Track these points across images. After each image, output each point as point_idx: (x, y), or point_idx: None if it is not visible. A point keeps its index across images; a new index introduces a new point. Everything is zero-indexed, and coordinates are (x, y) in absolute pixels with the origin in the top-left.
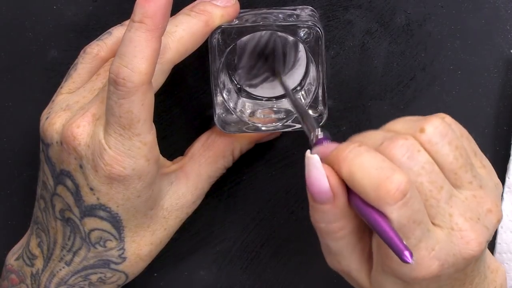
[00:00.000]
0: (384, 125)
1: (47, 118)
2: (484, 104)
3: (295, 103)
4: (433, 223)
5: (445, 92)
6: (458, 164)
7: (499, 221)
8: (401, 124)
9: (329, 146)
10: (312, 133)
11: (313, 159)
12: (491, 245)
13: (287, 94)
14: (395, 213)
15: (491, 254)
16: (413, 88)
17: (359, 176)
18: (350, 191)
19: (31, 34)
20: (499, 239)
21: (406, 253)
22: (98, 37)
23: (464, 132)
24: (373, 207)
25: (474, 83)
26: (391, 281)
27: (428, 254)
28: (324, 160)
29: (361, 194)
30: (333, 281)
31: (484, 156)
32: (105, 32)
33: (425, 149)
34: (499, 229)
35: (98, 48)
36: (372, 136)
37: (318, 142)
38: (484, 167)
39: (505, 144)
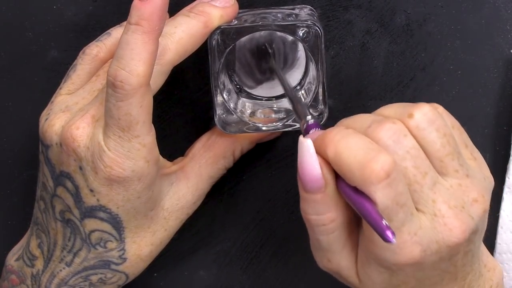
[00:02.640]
0: (376, 110)
1: (46, 119)
2: (484, 104)
3: (287, 88)
4: (416, 209)
5: (445, 92)
6: (445, 151)
7: (485, 211)
8: (391, 109)
9: (317, 133)
10: (302, 120)
11: (306, 144)
12: (491, 245)
13: (279, 78)
14: (378, 193)
15: (489, 253)
16: (413, 88)
17: (345, 156)
18: (337, 179)
19: (31, 34)
20: (499, 239)
21: (388, 232)
22: (97, 38)
23: (456, 123)
24: (358, 191)
25: (474, 83)
26: (376, 270)
27: (410, 238)
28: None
29: (347, 175)
30: (333, 281)
31: (476, 150)
32: (104, 33)
33: (413, 135)
34: (499, 229)
35: (97, 49)
36: (360, 119)
37: (309, 128)
38: (475, 159)
39: (505, 144)
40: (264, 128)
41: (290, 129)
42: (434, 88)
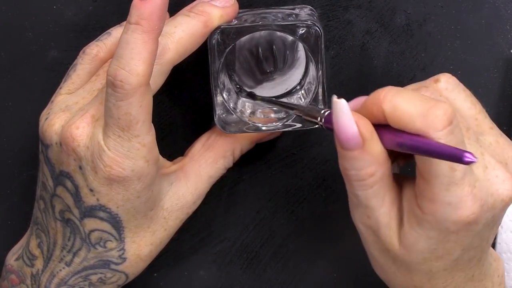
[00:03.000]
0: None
1: (46, 119)
2: (484, 104)
3: (287, 106)
4: None
5: None
6: (477, 109)
7: None
8: (413, 84)
9: (359, 99)
10: (318, 114)
11: (340, 104)
12: (491, 245)
13: (275, 104)
14: (443, 138)
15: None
16: None
17: (404, 106)
18: (382, 133)
19: (31, 34)
20: (499, 239)
21: (467, 154)
22: (97, 38)
23: None
24: (418, 136)
25: (474, 83)
26: (426, 235)
27: (471, 191)
28: (364, 103)
29: (407, 124)
30: (333, 281)
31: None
32: (104, 33)
33: (444, 97)
34: (499, 229)
35: (97, 49)
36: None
37: (329, 118)
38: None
39: None
40: (264, 128)
41: (290, 129)
42: None
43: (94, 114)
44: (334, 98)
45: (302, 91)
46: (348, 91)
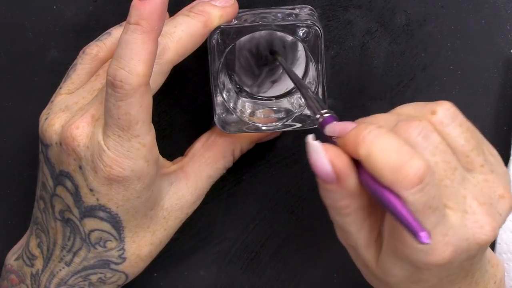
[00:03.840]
0: (393, 109)
1: (46, 119)
2: (484, 104)
3: (299, 84)
4: (446, 206)
5: (445, 92)
6: (470, 146)
7: (511, 207)
8: (410, 107)
9: (346, 125)
10: (318, 112)
11: (313, 145)
12: (491, 245)
13: (290, 75)
14: (410, 197)
15: (491, 249)
16: (413, 88)
17: (378, 158)
18: (360, 170)
19: (31, 34)
20: (499, 239)
21: (422, 234)
22: (97, 38)
23: (469, 123)
24: (387, 188)
25: (474, 83)
26: (401, 266)
27: (443, 239)
28: (340, 139)
29: (378, 176)
30: (333, 281)
31: (491, 145)
32: (104, 33)
33: (437, 131)
34: (499, 229)
35: (97, 49)
36: (385, 118)
37: (325, 122)
38: (493, 155)
39: (505, 144)
40: (264, 128)
41: (290, 129)
42: (434, 88)
43: (94, 114)
44: (309, 139)
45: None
46: (348, 91)
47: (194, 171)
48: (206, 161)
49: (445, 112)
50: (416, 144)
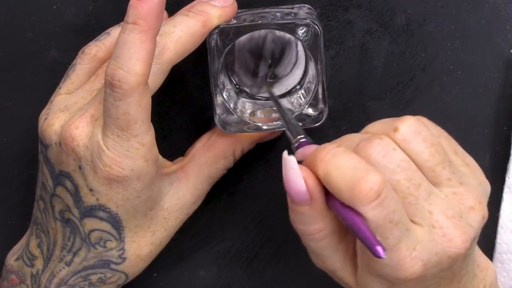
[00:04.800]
0: (363, 128)
1: (45, 119)
2: (484, 104)
3: (279, 108)
4: (413, 222)
5: (445, 92)
6: (435, 161)
7: (484, 218)
8: (378, 125)
9: (309, 148)
10: (295, 138)
11: (289, 161)
12: (491, 245)
13: (272, 100)
14: (370, 213)
15: (482, 253)
16: (413, 88)
17: (335, 176)
18: (327, 192)
19: (31, 34)
20: (499, 239)
21: (378, 248)
22: (96, 38)
23: (443, 132)
24: (349, 207)
25: (474, 83)
26: (377, 281)
27: (410, 254)
28: (304, 162)
29: (337, 194)
30: (333, 281)
31: (467, 155)
32: (103, 33)
33: (401, 148)
34: (499, 229)
35: (96, 49)
36: (350, 138)
37: (300, 146)
38: (468, 165)
39: (505, 144)
40: (264, 127)
41: None
42: (434, 88)
43: (94, 114)
44: (284, 154)
45: (302, 91)
46: (348, 91)
47: (195, 171)
48: (207, 161)
49: (407, 129)
50: (376, 163)
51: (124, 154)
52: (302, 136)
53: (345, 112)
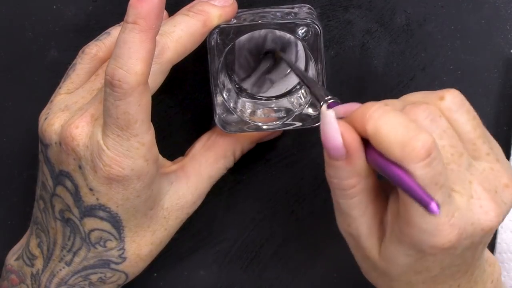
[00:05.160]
0: (402, 96)
1: (45, 118)
2: (484, 104)
3: (300, 73)
4: (452, 189)
5: None
6: (476, 133)
7: None
8: (419, 94)
9: (351, 105)
10: (322, 100)
11: (328, 115)
12: (491, 245)
13: (290, 66)
14: (418, 171)
15: (487, 249)
16: (413, 88)
17: (385, 132)
18: (368, 149)
19: (31, 34)
20: (499, 239)
21: (433, 204)
22: (97, 37)
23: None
24: (395, 164)
25: (474, 83)
26: (405, 252)
27: (448, 220)
28: (346, 117)
29: (385, 150)
30: (333, 281)
31: (493, 139)
32: (103, 33)
33: (445, 117)
34: (499, 229)
35: (96, 49)
36: (391, 102)
37: (330, 106)
38: (496, 147)
39: (505, 144)
40: (264, 127)
41: (290, 127)
42: (434, 88)
43: (94, 113)
44: (323, 108)
45: (302, 91)
46: (348, 91)
47: (195, 171)
48: (207, 161)
49: (453, 99)
50: (423, 127)
51: (124, 153)
52: (329, 97)
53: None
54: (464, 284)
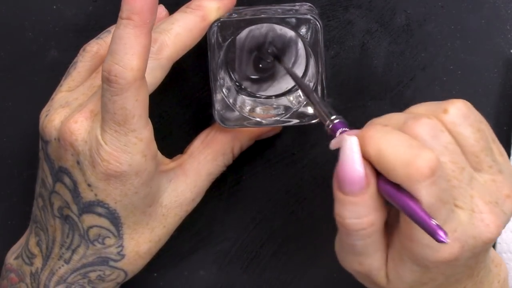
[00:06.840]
0: (407, 109)
1: (46, 115)
2: (484, 104)
3: (306, 89)
4: (454, 204)
5: (445, 92)
6: (479, 146)
7: None
8: (423, 107)
9: (351, 132)
10: (327, 120)
11: (351, 142)
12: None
13: (296, 81)
14: (424, 191)
15: (493, 249)
16: (413, 88)
17: (388, 153)
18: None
19: (31, 34)
20: (499, 239)
21: (441, 232)
22: (98, 36)
23: (483, 119)
24: (400, 189)
25: (474, 83)
26: (410, 269)
27: (451, 235)
28: None
29: (390, 172)
30: (333, 281)
31: (501, 145)
32: (104, 31)
33: (448, 130)
34: None
35: (97, 47)
36: (394, 117)
37: (335, 127)
38: (502, 154)
39: (505, 144)
40: (264, 122)
41: (290, 124)
42: (434, 88)
43: (93, 109)
44: (344, 135)
45: None
46: (348, 91)
47: (193, 168)
48: (206, 158)
49: (457, 112)
50: (424, 143)
51: (122, 148)
52: (335, 116)
53: (345, 112)
54: (470, 286)
